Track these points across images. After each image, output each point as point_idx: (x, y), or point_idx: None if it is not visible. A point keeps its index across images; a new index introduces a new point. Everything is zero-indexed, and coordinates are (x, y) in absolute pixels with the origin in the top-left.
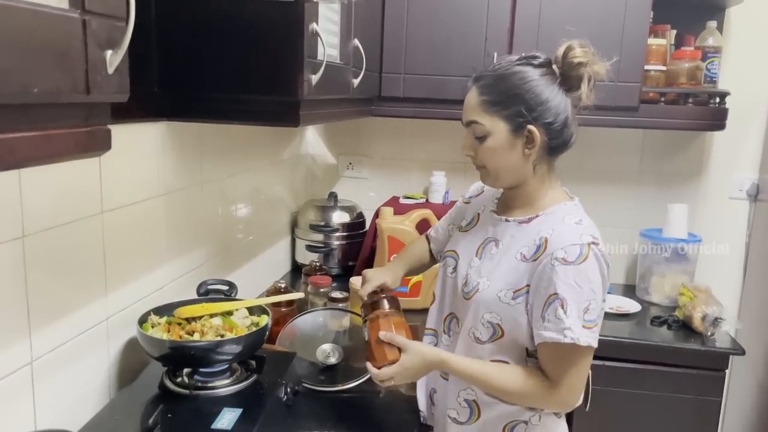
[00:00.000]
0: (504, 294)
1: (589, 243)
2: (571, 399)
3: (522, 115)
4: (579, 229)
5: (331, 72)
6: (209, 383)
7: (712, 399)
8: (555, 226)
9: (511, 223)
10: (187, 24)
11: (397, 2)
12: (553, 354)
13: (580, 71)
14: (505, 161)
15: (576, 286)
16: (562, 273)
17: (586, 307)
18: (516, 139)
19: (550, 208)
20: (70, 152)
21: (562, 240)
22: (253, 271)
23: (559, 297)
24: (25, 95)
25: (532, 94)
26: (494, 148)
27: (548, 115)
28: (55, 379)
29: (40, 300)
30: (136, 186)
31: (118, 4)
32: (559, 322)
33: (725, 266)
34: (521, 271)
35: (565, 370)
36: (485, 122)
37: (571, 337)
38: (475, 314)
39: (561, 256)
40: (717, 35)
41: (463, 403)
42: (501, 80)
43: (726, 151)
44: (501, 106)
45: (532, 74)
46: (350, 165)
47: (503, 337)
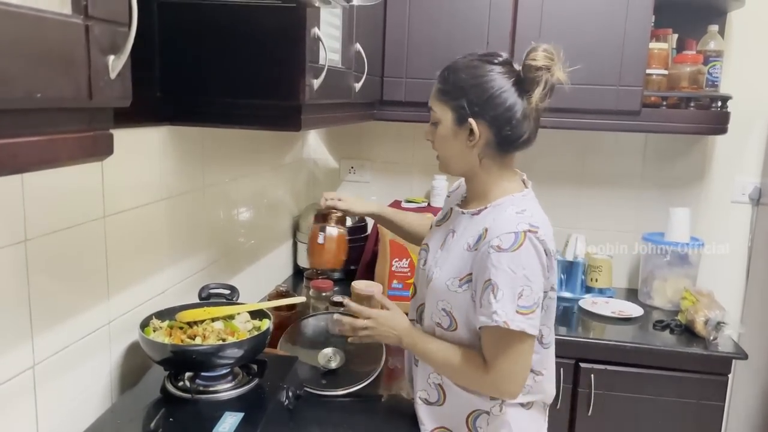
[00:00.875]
0: (451, 282)
1: (525, 231)
2: (507, 386)
3: (464, 107)
4: (517, 218)
5: (333, 76)
6: (211, 387)
7: (714, 404)
8: (497, 216)
9: (465, 214)
10: (189, 29)
11: (398, 7)
12: (488, 338)
13: (538, 74)
14: (450, 150)
15: (510, 272)
16: (495, 260)
17: (519, 292)
18: (459, 130)
19: (498, 200)
20: (72, 157)
21: (499, 228)
22: (254, 275)
23: (492, 283)
24: (28, 100)
25: (479, 90)
26: (443, 135)
27: (492, 111)
28: (58, 383)
29: (43, 304)
30: (138, 190)
31: (121, 10)
32: (489, 306)
33: (728, 270)
34: (465, 259)
35: (497, 355)
36: (437, 110)
37: (496, 321)
38: (432, 302)
39: (496, 243)
40: (719, 39)
41: (432, 385)
42: (454, 72)
43: (728, 154)
44: (449, 96)
45: (484, 70)
46: (352, 169)
47: (458, 326)
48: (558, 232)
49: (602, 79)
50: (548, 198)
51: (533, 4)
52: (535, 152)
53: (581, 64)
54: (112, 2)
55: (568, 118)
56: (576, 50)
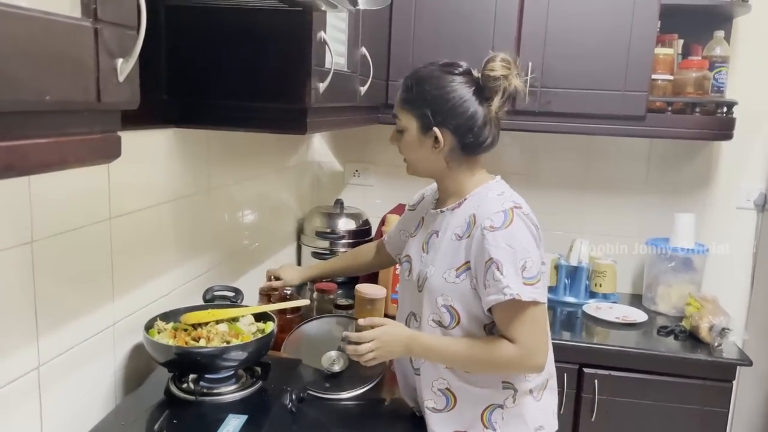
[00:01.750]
0: (448, 274)
1: (512, 207)
2: (535, 358)
3: (428, 117)
4: (500, 199)
5: (339, 80)
6: (215, 389)
7: (718, 410)
8: (480, 202)
9: (445, 212)
10: (196, 32)
11: (404, 11)
12: (504, 315)
13: (496, 83)
14: (417, 155)
15: (508, 248)
16: (492, 239)
17: (522, 265)
18: (424, 137)
19: (474, 190)
20: (81, 159)
21: (487, 211)
22: (259, 277)
23: (494, 261)
24: (37, 103)
25: (441, 100)
26: (408, 142)
27: (455, 120)
28: (62, 384)
29: (48, 305)
30: (144, 192)
31: (130, 13)
32: (498, 283)
33: (732, 276)
34: (457, 249)
35: (519, 328)
36: (402, 118)
37: (510, 294)
38: (429, 302)
39: (488, 224)
40: (724, 45)
41: (438, 392)
42: (417, 82)
43: (733, 160)
44: (413, 106)
45: (446, 81)
46: (356, 172)
47: (460, 320)
48: (562, 237)
49: (607, 83)
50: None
51: (539, 8)
52: (540, 157)
53: (586, 68)
54: (121, 6)
55: (572, 123)
56: (581, 54)
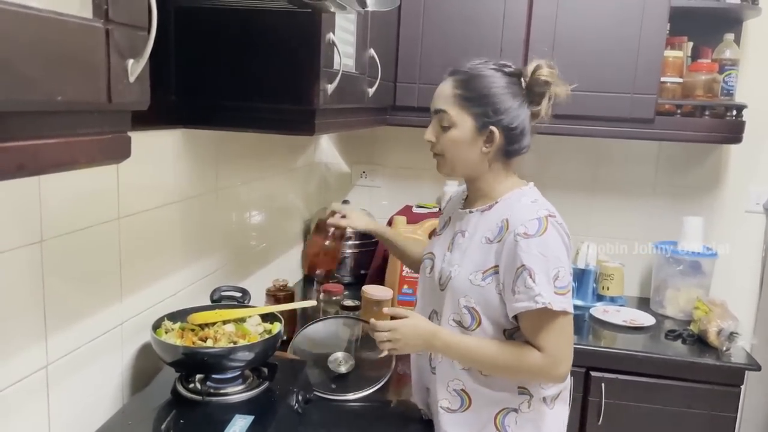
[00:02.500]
0: (474, 276)
1: (546, 216)
2: (559, 368)
3: (488, 115)
4: (535, 206)
5: (347, 81)
6: (221, 390)
7: (726, 415)
8: (513, 207)
9: (474, 213)
10: (204, 33)
11: (412, 13)
12: (532, 323)
13: (544, 89)
14: (464, 154)
15: (541, 256)
16: (525, 246)
17: (555, 274)
18: (478, 136)
19: (506, 194)
20: (91, 159)
21: (521, 217)
22: (266, 278)
23: (527, 268)
24: (49, 103)
25: (500, 99)
26: (456, 139)
27: (509, 122)
28: (70, 383)
29: (57, 304)
30: (152, 192)
31: (141, 14)
32: (529, 290)
33: (741, 280)
34: (487, 252)
35: (547, 337)
36: (454, 114)
37: (542, 302)
38: (452, 301)
39: (522, 231)
40: (734, 48)
41: (453, 393)
42: (476, 79)
43: (742, 164)
44: (472, 103)
45: (504, 81)
46: (364, 174)
47: (481, 323)
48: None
49: (616, 86)
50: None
51: (547, 11)
52: (548, 159)
53: (595, 71)
54: (132, 7)
55: (581, 126)
56: (590, 57)
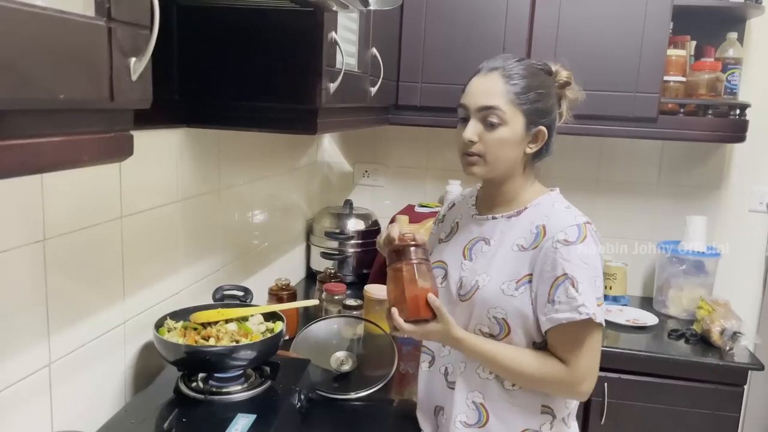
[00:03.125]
0: (507, 286)
1: (585, 222)
2: (584, 385)
3: (541, 115)
4: (572, 212)
5: (349, 80)
6: (224, 388)
7: (729, 415)
8: (548, 213)
9: (498, 219)
10: (207, 32)
11: (415, 12)
12: (567, 335)
13: (564, 91)
14: (509, 154)
15: (583, 264)
16: (566, 253)
17: (593, 283)
18: (526, 135)
19: (535, 200)
20: (93, 158)
21: (560, 223)
22: (268, 277)
23: (569, 277)
24: (51, 101)
25: (548, 98)
26: (506, 139)
27: (551, 122)
28: (72, 382)
29: (59, 303)
30: (155, 191)
31: (143, 13)
32: (572, 300)
33: (744, 280)
34: (521, 260)
35: (579, 352)
36: (507, 111)
37: (587, 313)
38: (479, 313)
39: (562, 237)
40: (737, 47)
41: (471, 405)
42: (532, 76)
43: (746, 163)
44: (525, 100)
45: (546, 81)
46: (366, 173)
47: (509, 334)
48: None
49: (619, 85)
50: None
51: (550, 10)
52: (551, 158)
53: (598, 69)
54: (134, 5)
55: (584, 125)
56: (593, 56)
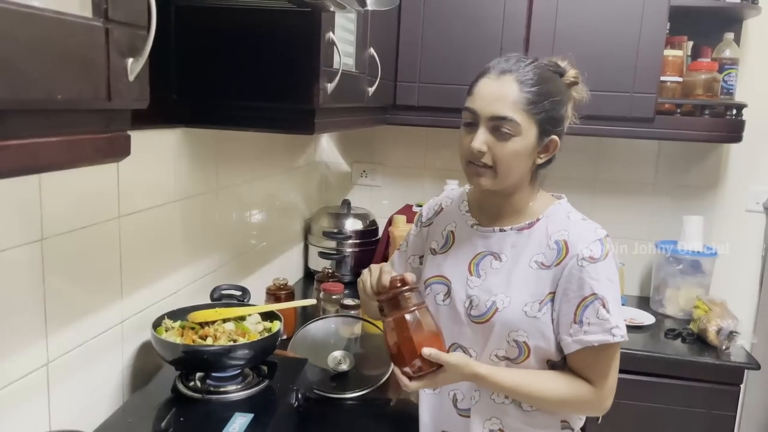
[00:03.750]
0: (530, 308)
1: (605, 236)
2: (608, 401)
3: (554, 124)
4: (590, 225)
5: (347, 80)
6: (221, 388)
7: (726, 414)
8: (566, 226)
9: (507, 232)
10: (205, 32)
11: (412, 12)
12: (597, 357)
13: (570, 92)
14: (521, 165)
15: (609, 282)
16: (593, 272)
17: (619, 301)
18: (539, 145)
19: (546, 210)
20: (91, 158)
21: (583, 239)
22: (266, 276)
23: (599, 297)
24: (48, 101)
25: (562, 105)
26: (518, 150)
27: (562, 129)
28: (70, 381)
29: (57, 302)
30: (153, 191)
31: (140, 13)
32: (605, 322)
33: (741, 279)
34: (543, 279)
35: (607, 371)
36: (521, 121)
37: (621, 335)
38: (498, 336)
39: (587, 254)
40: (734, 47)
41: None
42: (546, 82)
43: (742, 163)
44: (540, 109)
45: (560, 86)
46: (364, 173)
47: (529, 357)
48: None
49: (616, 85)
50: None
51: (547, 10)
52: None
53: (595, 70)
54: (131, 6)
55: (581, 125)
56: (590, 56)
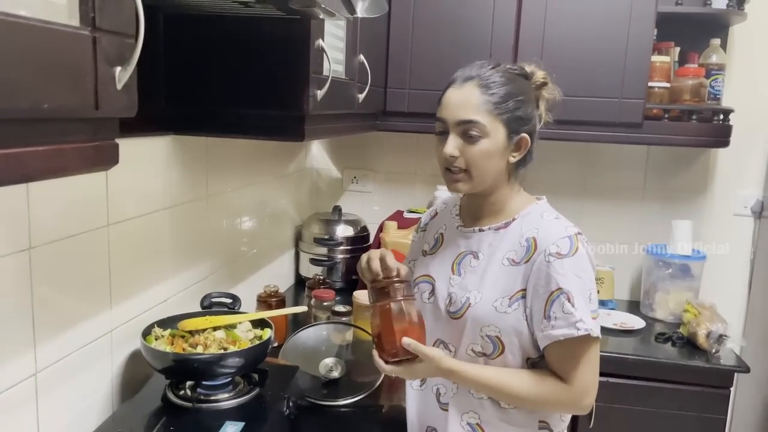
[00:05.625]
0: (500, 303)
1: (576, 234)
2: (586, 399)
3: (522, 122)
4: (562, 223)
5: (337, 87)
6: (212, 396)
7: (716, 417)
8: (537, 224)
9: (486, 231)
10: (194, 40)
11: (402, 19)
12: (565, 352)
13: (541, 92)
14: (494, 165)
15: (576, 278)
16: (559, 267)
17: (588, 296)
18: (509, 144)
19: (523, 210)
20: (78, 167)
21: (551, 235)
22: (256, 284)
23: (564, 291)
24: (35, 111)
25: (527, 104)
26: (489, 151)
27: (533, 127)
28: (59, 391)
29: (46, 311)
30: (142, 199)
31: (128, 22)
32: (569, 316)
33: (730, 283)
34: (512, 275)
35: (578, 367)
36: (487, 123)
37: (585, 329)
38: (472, 331)
39: (554, 250)
40: (720, 53)
41: (467, 427)
42: (504, 85)
43: (730, 167)
44: (504, 111)
45: (523, 86)
46: (355, 179)
47: (503, 352)
48: None
49: (604, 91)
50: None
51: (536, 16)
52: (537, 164)
53: (583, 76)
54: (119, 14)
55: (569, 130)
56: (578, 62)
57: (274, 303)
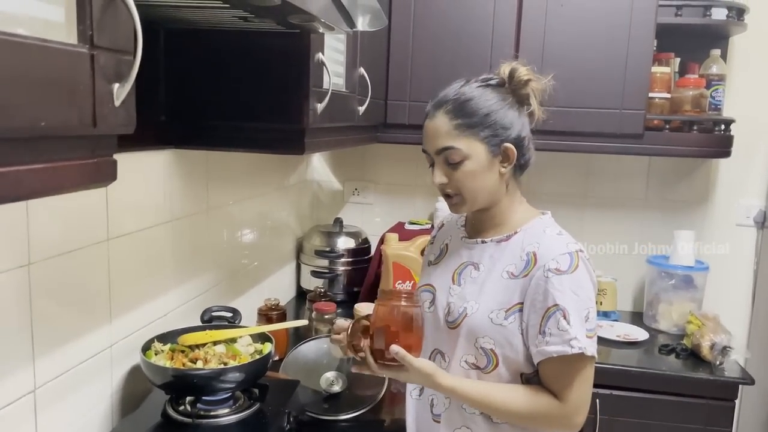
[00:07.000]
0: (495, 315)
1: (577, 251)
2: (577, 417)
3: (498, 134)
4: (564, 239)
5: (337, 100)
6: (212, 412)
7: (721, 429)
8: (539, 239)
9: (488, 243)
10: (195, 55)
11: (402, 31)
12: (559, 369)
13: (528, 88)
14: (484, 183)
15: (574, 295)
16: (557, 283)
17: (585, 315)
18: (494, 158)
19: (526, 223)
20: (76, 184)
21: (551, 251)
22: (257, 297)
23: (560, 308)
24: (32, 129)
25: (502, 114)
26: (473, 171)
27: (518, 133)
28: (58, 407)
29: (45, 327)
30: (143, 213)
31: (126, 39)
32: (564, 333)
33: (733, 294)
34: (511, 288)
35: (571, 385)
36: (462, 146)
37: (579, 347)
38: (467, 342)
39: (554, 266)
40: (721, 63)
41: None
42: (471, 102)
43: (732, 178)
44: (477, 128)
45: (494, 95)
46: (356, 191)
47: (497, 366)
48: None
49: (605, 102)
50: None
51: (535, 28)
52: (539, 175)
53: (584, 87)
54: (117, 31)
55: (571, 141)
56: (579, 74)
57: (275, 316)
